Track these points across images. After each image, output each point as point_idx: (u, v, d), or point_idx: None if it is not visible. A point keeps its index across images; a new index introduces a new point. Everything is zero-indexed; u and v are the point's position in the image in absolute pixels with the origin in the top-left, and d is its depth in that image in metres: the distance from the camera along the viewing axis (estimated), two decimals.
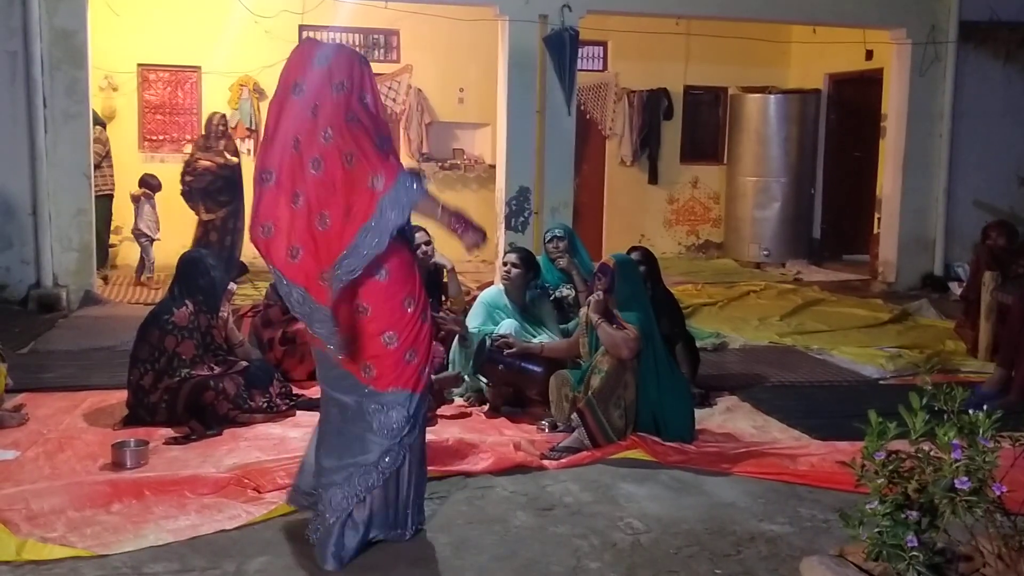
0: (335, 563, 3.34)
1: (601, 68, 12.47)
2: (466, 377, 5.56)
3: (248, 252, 10.75)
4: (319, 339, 3.39)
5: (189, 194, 9.56)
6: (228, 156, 9.66)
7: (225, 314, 5.32)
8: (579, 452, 4.55)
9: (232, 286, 5.48)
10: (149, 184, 9.70)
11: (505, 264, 5.75)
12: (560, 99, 9.19)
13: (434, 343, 3.80)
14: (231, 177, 9.62)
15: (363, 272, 3.28)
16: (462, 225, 3.46)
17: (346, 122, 3.28)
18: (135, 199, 9.61)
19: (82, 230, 8.43)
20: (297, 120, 3.29)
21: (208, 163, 9.54)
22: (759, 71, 12.51)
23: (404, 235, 3.41)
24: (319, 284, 3.29)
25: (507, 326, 5.48)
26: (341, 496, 3.38)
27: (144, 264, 9.53)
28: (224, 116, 10.00)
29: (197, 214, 9.56)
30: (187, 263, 5.33)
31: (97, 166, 9.24)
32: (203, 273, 5.20)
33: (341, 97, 3.30)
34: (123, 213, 10.06)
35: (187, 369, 4.99)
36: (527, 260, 5.74)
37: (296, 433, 4.89)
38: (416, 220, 3.65)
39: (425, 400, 3.56)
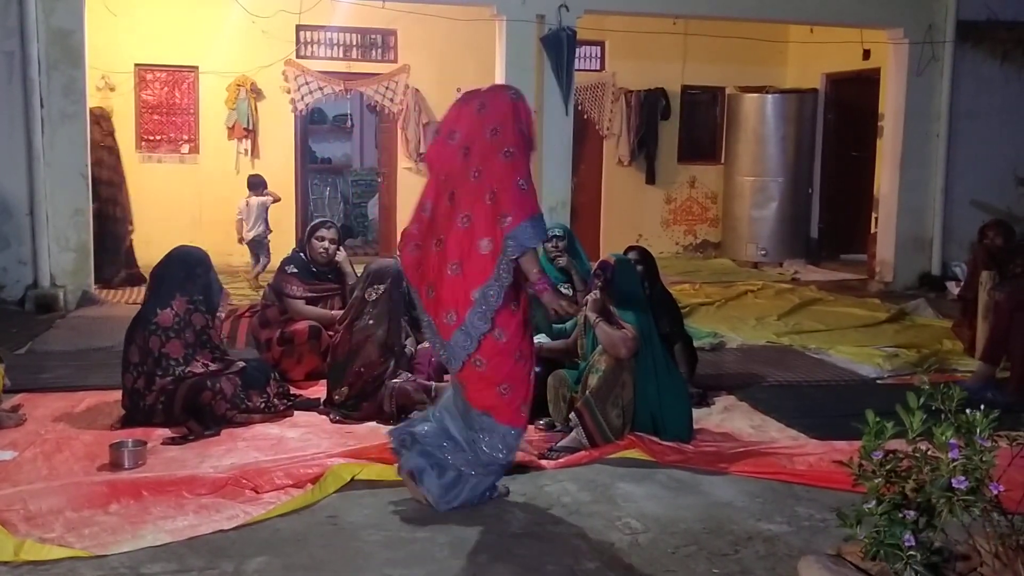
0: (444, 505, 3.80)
1: (598, 68, 12.48)
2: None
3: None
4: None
5: None
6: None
7: (222, 315, 5.30)
8: (577, 452, 4.55)
9: (226, 289, 5.46)
10: (265, 185, 9.78)
11: None
12: (558, 99, 9.19)
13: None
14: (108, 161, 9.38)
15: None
16: (547, 290, 3.87)
17: (500, 156, 3.71)
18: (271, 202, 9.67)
19: (79, 230, 8.42)
20: (449, 162, 3.81)
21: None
22: (756, 71, 12.52)
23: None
24: (426, 296, 3.84)
25: None
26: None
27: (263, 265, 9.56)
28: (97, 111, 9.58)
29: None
30: (190, 261, 5.20)
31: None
32: (205, 271, 5.17)
33: (496, 140, 3.72)
34: None
35: (181, 367, 4.95)
36: None
37: (294, 433, 4.89)
38: None
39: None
